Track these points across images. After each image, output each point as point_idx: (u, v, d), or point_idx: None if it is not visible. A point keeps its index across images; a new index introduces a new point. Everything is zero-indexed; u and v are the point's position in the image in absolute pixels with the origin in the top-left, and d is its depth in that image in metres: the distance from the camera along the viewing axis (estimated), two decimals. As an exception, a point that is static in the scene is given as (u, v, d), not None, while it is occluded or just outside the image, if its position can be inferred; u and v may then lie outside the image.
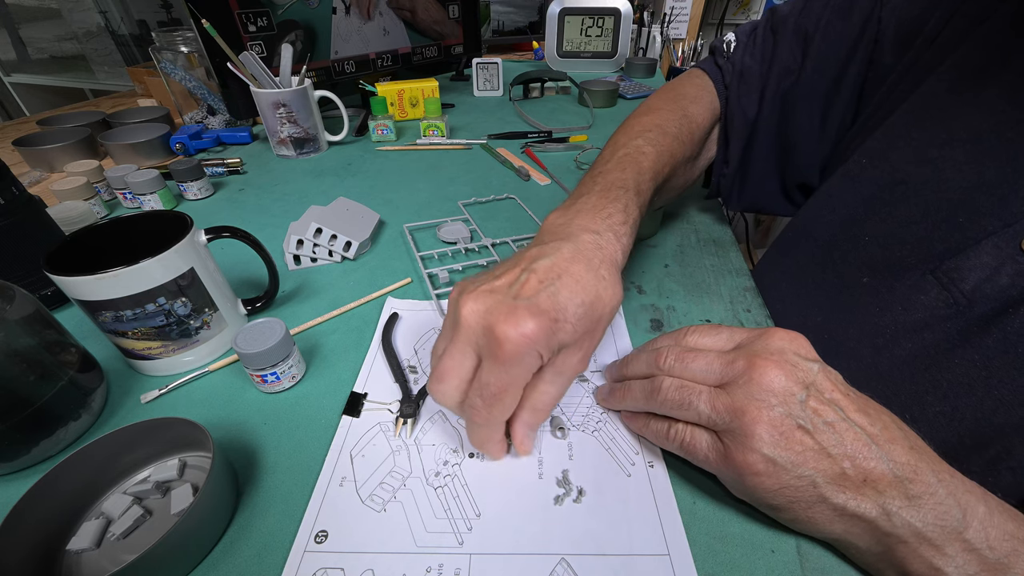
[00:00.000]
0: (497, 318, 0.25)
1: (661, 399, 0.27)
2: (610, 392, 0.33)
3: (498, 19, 1.43)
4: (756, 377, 0.24)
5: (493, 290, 0.27)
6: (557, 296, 0.27)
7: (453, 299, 0.28)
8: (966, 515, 0.22)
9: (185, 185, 0.62)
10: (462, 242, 0.51)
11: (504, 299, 0.26)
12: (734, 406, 0.24)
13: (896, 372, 0.32)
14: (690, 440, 0.27)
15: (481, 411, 0.27)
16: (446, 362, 0.27)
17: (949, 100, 0.35)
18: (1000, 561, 0.21)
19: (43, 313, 0.31)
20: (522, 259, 0.30)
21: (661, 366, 0.28)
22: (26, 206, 0.41)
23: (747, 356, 0.25)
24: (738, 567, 0.25)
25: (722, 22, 1.81)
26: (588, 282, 0.28)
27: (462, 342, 0.27)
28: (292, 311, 0.44)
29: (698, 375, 0.27)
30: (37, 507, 0.25)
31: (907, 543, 0.22)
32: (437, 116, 0.80)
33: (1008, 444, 0.27)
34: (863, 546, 0.24)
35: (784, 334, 0.27)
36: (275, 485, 0.30)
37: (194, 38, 0.79)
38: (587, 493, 0.29)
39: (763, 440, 0.23)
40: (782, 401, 0.24)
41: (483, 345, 0.26)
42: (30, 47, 1.74)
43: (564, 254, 0.29)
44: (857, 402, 0.24)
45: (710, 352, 0.27)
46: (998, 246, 0.29)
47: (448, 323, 0.28)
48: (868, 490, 0.22)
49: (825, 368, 0.25)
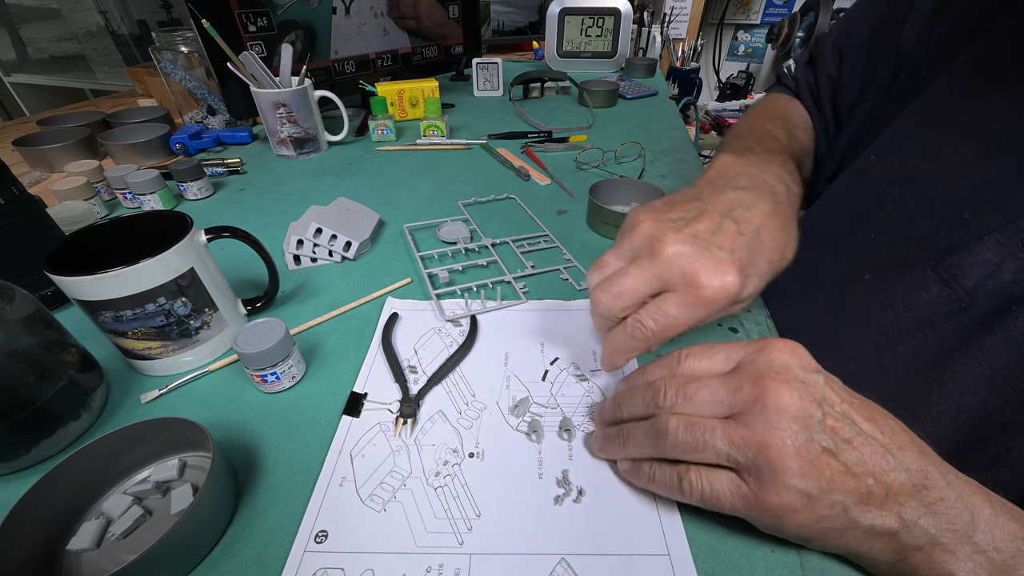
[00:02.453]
0: (703, 265, 0.27)
1: (672, 442, 0.24)
2: (606, 440, 0.29)
3: (498, 19, 1.43)
4: (770, 402, 0.22)
5: (697, 235, 0.28)
6: (756, 250, 0.28)
7: (646, 229, 0.29)
8: (974, 517, 0.22)
9: (185, 185, 0.62)
10: (462, 242, 0.51)
11: (709, 248, 0.28)
12: (754, 439, 0.22)
13: (900, 370, 0.32)
14: (711, 491, 0.24)
15: (649, 332, 0.28)
16: (628, 282, 0.29)
17: (961, 96, 0.34)
18: (1007, 563, 0.21)
19: (43, 313, 0.31)
20: (719, 202, 0.30)
21: (662, 404, 0.26)
22: (26, 206, 0.41)
23: (753, 379, 0.24)
24: (738, 567, 0.25)
25: (722, 22, 1.81)
26: (780, 240, 0.30)
27: (653, 273, 0.28)
28: (292, 311, 0.44)
29: (705, 408, 0.24)
30: (37, 507, 0.25)
31: (922, 550, 0.22)
32: (437, 116, 0.80)
33: (1009, 442, 0.27)
34: (881, 558, 0.23)
35: (783, 346, 0.25)
36: (275, 485, 0.30)
37: (194, 38, 0.79)
38: (587, 493, 0.29)
39: (794, 473, 0.21)
40: (803, 425, 0.22)
41: (677, 284, 0.27)
42: (30, 47, 1.74)
43: (764, 206, 0.30)
44: (863, 410, 0.24)
45: (712, 380, 0.25)
46: (1000, 243, 0.29)
47: (640, 247, 0.29)
48: (890, 503, 0.22)
49: (828, 377, 0.24)
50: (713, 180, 0.33)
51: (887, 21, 0.44)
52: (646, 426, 0.26)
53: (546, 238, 0.53)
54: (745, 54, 1.89)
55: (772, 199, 0.31)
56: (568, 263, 0.49)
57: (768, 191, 0.31)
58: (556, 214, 0.58)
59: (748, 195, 0.31)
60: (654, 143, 0.77)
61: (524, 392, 0.35)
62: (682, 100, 1.18)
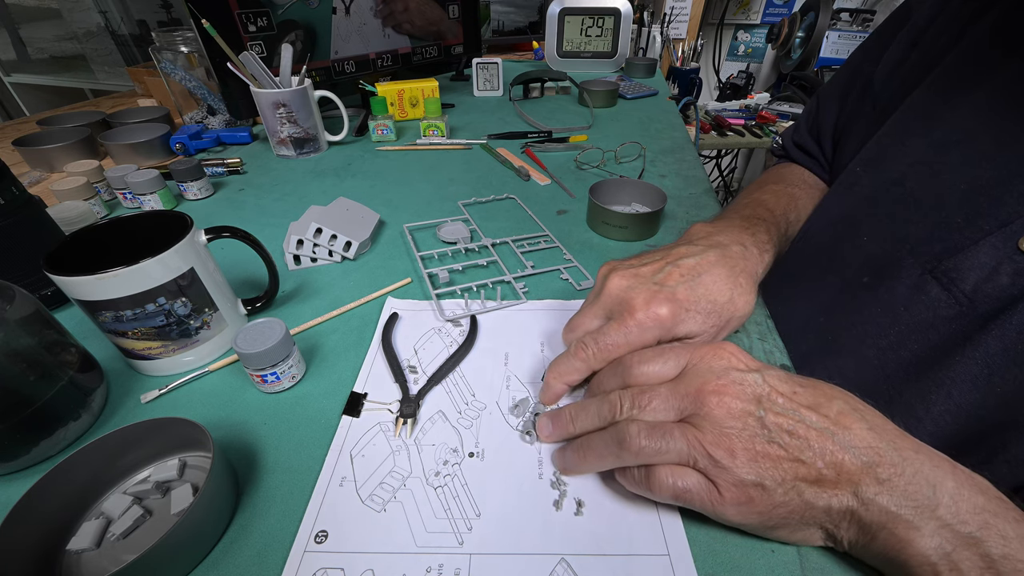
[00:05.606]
0: (638, 294, 0.31)
1: (636, 449, 0.25)
2: (571, 453, 0.29)
3: (498, 19, 1.43)
4: (713, 405, 0.24)
5: (638, 274, 0.33)
6: (695, 290, 0.32)
7: (602, 275, 0.35)
8: (936, 491, 0.22)
9: (185, 185, 0.62)
10: (462, 242, 0.51)
11: (647, 283, 0.32)
12: (705, 439, 0.24)
13: (901, 373, 0.32)
14: (682, 485, 0.25)
15: (586, 351, 0.31)
16: (579, 319, 0.34)
17: (941, 106, 0.35)
18: (973, 535, 0.21)
19: (43, 313, 0.31)
20: (669, 254, 0.35)
21: (618, 416, 0.27)
22: (26, 206, 0.41)
23: (696, 386, 0.25)
24: (738, 567, 0.25)
25: (722, 22, 1.81)
26: (725, 285, 0.32)
27: (598, 307, 0.33)
28: (292, 311, 0.44)
29: (659, 415, 0.26)
30: (37, 507, 0.25)
31: (886, 527, 0.22)
32: (437, 116, 0.80)
33: (1005, 438, 0.28)
34: (853, 539, 0.24)
35: (720, 349, 0.27)
36: (275, 485, 0.30)
37: (194, 38, 0.79)
38: (587, 493, 0.29)
39: (743, 467, 0.23)
40: (745, 424, 0.24)
41: (615, 311, 0.32)
42: (30, 47, 1.74)
43: (710, 257, 0.34)
44: (805, 398, 0.25)
45: (661, 388, 0.27)
46: (995, 246, 0.29)
47: (593, 293, 0.35)
48: (843, 483, 0.22)
49: (767, 373, 0.26)
50: (678, 241, 0.38)
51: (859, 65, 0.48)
52: (606, 435, 0.27)
53: (546, 238, 0.53)
54: (745, 54, 1.89)
55: (720, 252, 0.34)
56: (568, 263, 0.49)
57: (718, 247, 0.35)
58: (556, 214, 0.58)
59: (697, 248, 0.35)
60: (654, 143, 0.77)
61: (524, 392, 0.35)
62: (682, 100, 1.18)
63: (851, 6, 1.66)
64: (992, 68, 0.33)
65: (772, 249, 0.38)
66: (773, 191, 0.48)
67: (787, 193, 0.48)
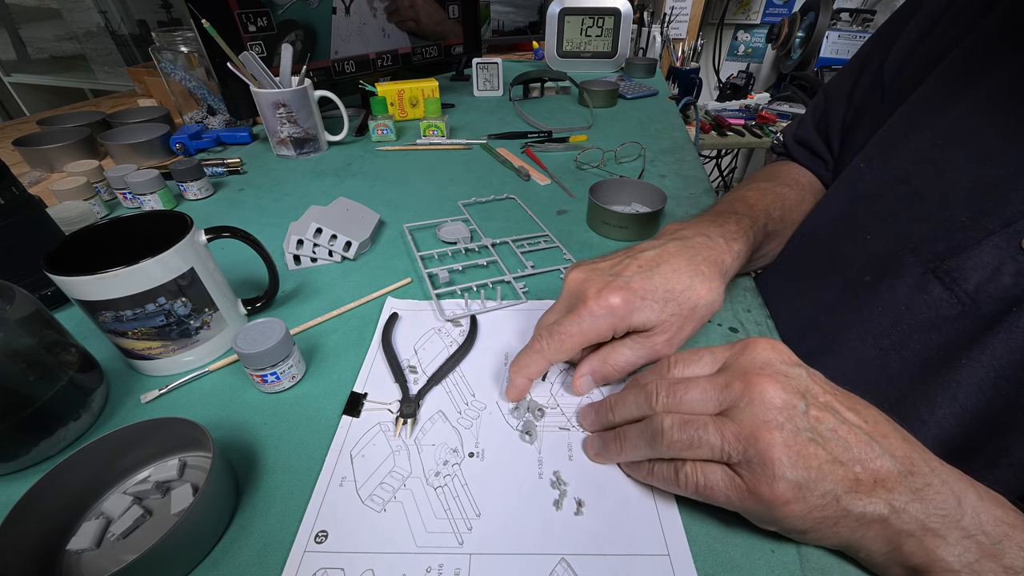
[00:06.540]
0: (591, 284, 0.32)
1: (668, 441, 0.25)
2: (603, 445, 0.29)
3: (498, 19, 1.43)
4: (756, 396, 0.23)
5: (596, 268, 0.34)
6: (651, 280, 0.32)
7: (567, 273, 0.35)
8: (961, 503, 0.22)
9: (185, 185, 0.62)
10: (462, 242, 0.51)
11: (603, 275, 0.33)
12: (743, 432, 0.23)
13: (905, 374, 0.32)
14: (705, 483, 0.24)
15: (540, 340, 0.32)
16: (543, 316, 0.36)
17: (947, 100, 0.35)
18: (995, 546, 0.21)
19: (43, 313, 0.31)
20: (631, 249, 0.35)
21: (654, 405, 0.27)
22: (26, 206, 0.41)
23: (739, 376, 0.25)
24: (738, 567, 0.25)
25: (722, 22, 1.81)
26: (684, 273, 0.32)
27: (559, 302, 0.35)
28: (292, 311, 0.44)
29: (696, 406, 0.25)
30: (37, 507, 0.25)
31: (914, 536, 0.22)
32: (437, 116, 0.80)
33: (1009, 441, 0.27)
34: (875, 548, 0.23)
35: (764, 343, 0.26)
36: (275, 485, 0.30)
37: (194, 38, 0.79)
38: (587, 493, 0.29)
39: (784, 464, 0.22)
40: (788, 417, 0.23)
41: (573, 303, 0.33)
42: (30, 47, 1.74)
43: (670, 248, 0.34)
44: (845, 401, 0.24)
45: (700, 380, 0.26)
46: (999, 245, 0.29)
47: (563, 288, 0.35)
48: (879, 490, 0.22)
49: (810, 371, 0.25)
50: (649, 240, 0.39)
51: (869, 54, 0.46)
52: (641, 427, 0.27)
53: (546, 238, 0.53)
54: (745, 54, 1.89)
55: (681, 243, 0.34)
56: (568, 263, 0.49)
57: (680, 239, 0.35)
58: (556, 214, 0.58)
59: (659, 241, 0.35)
60: (654, 143, 0.77)
61: (524, 392, 0.35)
62: (682, 100, 1.18)
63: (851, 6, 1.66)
64: (1000, 62, 0.32)
65: (743, 239, 0.37)
66: (758, 188, 0.47)
67: (774, 191, 0.47)
